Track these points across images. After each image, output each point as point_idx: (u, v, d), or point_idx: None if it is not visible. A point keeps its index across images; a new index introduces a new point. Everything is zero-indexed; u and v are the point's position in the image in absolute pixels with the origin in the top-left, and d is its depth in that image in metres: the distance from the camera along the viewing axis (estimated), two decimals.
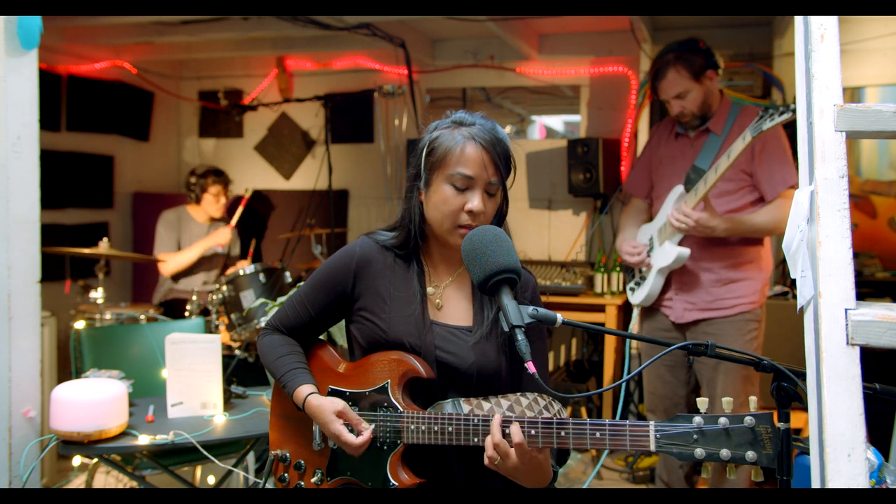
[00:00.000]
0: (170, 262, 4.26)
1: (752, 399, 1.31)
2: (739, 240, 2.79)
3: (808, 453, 1.18)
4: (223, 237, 4.34)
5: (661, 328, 2.96)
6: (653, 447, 1.32)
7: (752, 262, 2.83)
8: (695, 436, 1.29)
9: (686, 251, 2.77)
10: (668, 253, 2.81)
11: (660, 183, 3.01)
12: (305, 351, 1.75)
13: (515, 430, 1.39)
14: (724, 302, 2.81)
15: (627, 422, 1.35)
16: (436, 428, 1.51)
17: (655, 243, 2.93)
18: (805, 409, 1.11)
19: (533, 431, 1.40)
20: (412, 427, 1.53)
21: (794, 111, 2.38)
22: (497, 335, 1.60)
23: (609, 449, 1.37)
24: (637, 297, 3.01)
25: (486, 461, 1.43)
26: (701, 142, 2.87)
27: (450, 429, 1.49)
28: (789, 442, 1.24)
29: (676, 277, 2.88)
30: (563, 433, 1.39)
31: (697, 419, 1.30)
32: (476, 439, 1.47)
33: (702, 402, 1.34)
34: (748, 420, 1.26)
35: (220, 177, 4.41)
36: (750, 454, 1.25)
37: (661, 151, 3.03)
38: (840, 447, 1.02)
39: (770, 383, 1.28)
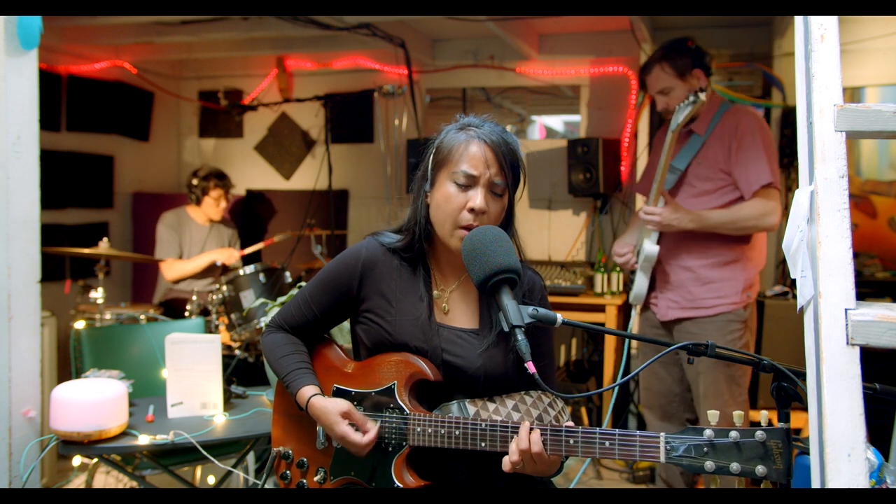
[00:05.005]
0: (174, 269, 4.27)
1: (764, 413, 1.30)
2: (720, 239, 2.80)
3: (808, 453, 1.18)
4: (231, 258, 4.33)
5: (651, 325, 3.01)
6: (663, 458, 1.30)
7: (736, 262, 2.82)
8: (705, 448, 1.28)
9: (654, 248, 2.82)
10: (644, 250, 2.86)
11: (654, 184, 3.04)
12: (311, 349, 1.75)
13: (535, 439, 1.39)
14: (705, 301, 2.83)
15: (637, 432, 1.33)
16: (442, 431, 1.50)
17: (641, 242, 2.97)
18: (805, 409, 1.11)
19: (542, 438, 1.39)
20: (418, 429, 1.53)
21: (693, 102, 2.57)
22: (505, 338, 1.59)
23: (617, 458, 1.36)
24: (631, 295, 3.06)
25: (507, 466, 1.41)
26: (684, 142, 2.89)
27: (456, 432, 1.49)
28: (789, 442, 1.24)
29: (658, 276, 2.93)
30: (571, 441, 1.38)
31: (708, 432, 1.29)
32: (483, 444, 1.46)
33: (713, 415, 1.33)
34: (759, 434, 1.25)
35: (222, 180, 4.41)
36: (760, 469, 1.24)
37: (657, 152, 3.04)
38: (840, 447, 1.02)
39: (769, 384, 1.28)
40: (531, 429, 1.40)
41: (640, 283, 2.94)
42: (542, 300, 1.68)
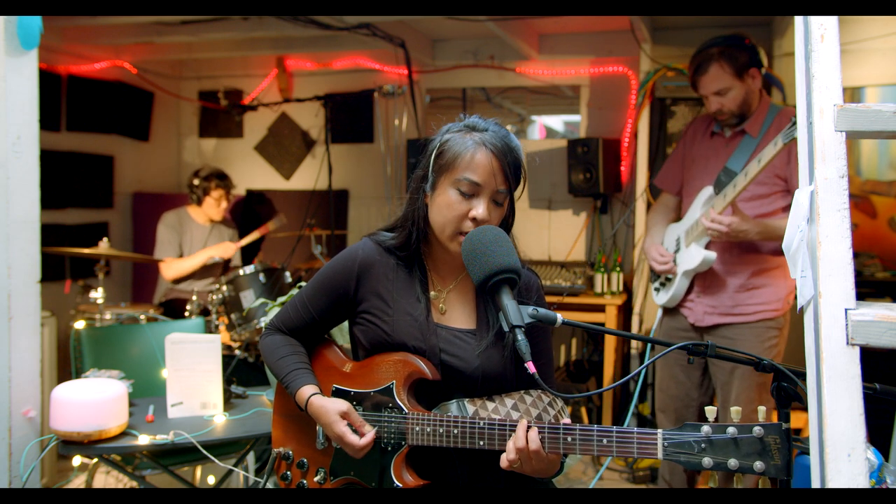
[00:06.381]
0: (172, 267, 4.27)
1: (762, 409, 1.30)
2: (767, 245, 2.71)
3: (808, 453, 1.18)
4: (227, 252, 4.33)
5: (680, 328, 2.90)
6: (660, 455, 1.30)
7: (779, 269, 2.74)
8: (703, 444, 1.28)
9: (712, 255, 2.72)
10: (695, 256, 2.75)
11: (691, 182, 2.93)
12: (310, 349, 1.75)
13: (533, 437, 1.39)
14: (746, 308, 2.75)
15: (635, 429, 1.34)
16: (441, 430, 1.50)
17: (682, 245, 2.87)
18: (805, 409, 1.11)
19: (540, 436, 1.39)
20: (417, 428, 1.53)
21: None
22: (503, 338, 1.59)
23: (615, 456, 1.36)
24: (661, 297, 2.96)
25: (504, 464, 1.42)
26: (736, 143, 2.77)
27: (455, 431, 1.49)
28: (789, 442, 1.24)
29: (700, 280, 2.82)
30: (569, 439, 1.38)
31: (706, 428, 1.29)
32: (482, 442, 1.46)
33: (710, 411, 1.33)
34: (757, 430, 1.25)
35: (223, 181, 4.41)
36: (758, 464, 1.24)
37: (695, 149, 2.94)
38: (840, 447, 1.02)
39: (770, 384, 1.28)
40: (529, 426, 1.40)
41: (680, 286, 2.84)
42: (538, 300, 1.67)
